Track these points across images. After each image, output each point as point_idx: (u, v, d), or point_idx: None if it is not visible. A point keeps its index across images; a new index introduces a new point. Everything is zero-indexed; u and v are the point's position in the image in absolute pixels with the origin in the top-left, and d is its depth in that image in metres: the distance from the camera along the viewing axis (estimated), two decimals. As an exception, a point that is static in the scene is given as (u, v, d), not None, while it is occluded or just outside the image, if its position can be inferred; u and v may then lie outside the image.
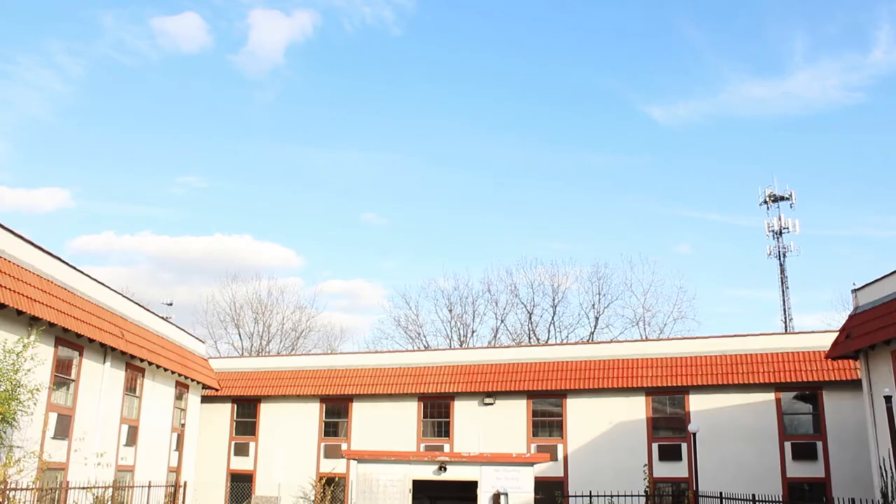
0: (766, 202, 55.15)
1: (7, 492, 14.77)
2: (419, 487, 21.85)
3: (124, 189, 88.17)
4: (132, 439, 24.27)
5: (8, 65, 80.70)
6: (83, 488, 17.91)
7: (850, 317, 21.79)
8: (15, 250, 18.47)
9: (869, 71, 79.58)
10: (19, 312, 17.62)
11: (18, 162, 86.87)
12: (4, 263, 17.59)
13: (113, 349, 22.37)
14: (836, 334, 23.31)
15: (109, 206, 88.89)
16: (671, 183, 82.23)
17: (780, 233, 54.41)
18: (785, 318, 53.17)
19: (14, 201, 76.90)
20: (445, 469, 21.45)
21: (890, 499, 15.03)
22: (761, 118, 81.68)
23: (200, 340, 32.15)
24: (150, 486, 20.60)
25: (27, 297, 17.86)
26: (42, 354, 18.26)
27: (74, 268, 21.63)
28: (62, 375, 20.38)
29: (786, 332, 38.34)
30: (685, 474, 27.33)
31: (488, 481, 21.26)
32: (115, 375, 23.18)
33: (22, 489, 15.20)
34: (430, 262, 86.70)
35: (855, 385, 25.45)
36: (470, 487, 21.55)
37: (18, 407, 15.74)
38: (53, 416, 19.59)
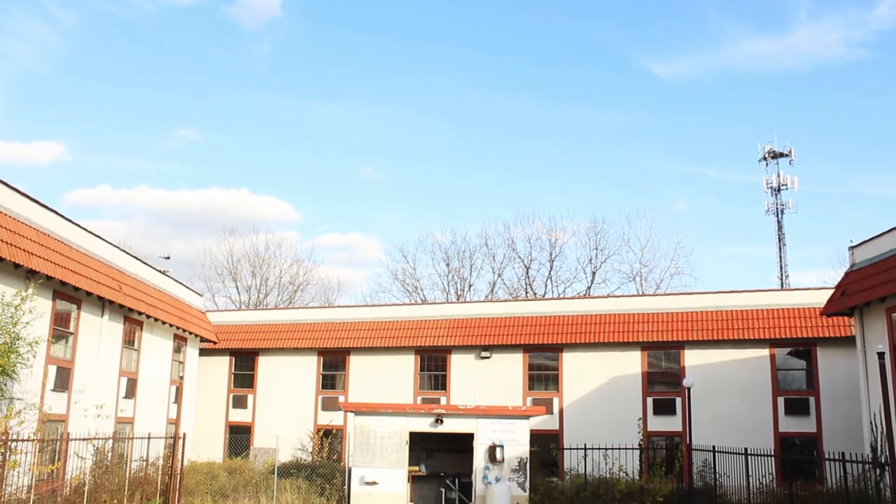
0: (765, 158, 54.93)
1: (9, 443, 14.91)
2: (416, 439, 22.11)
3: (119, 142, 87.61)
4: (131, 392, 24.48)
5: (1, 17, 79.57)
6: (83, 440, 18.08)
7: (846, 274, 21.87)
8: (10, 203, 18.39)
9: (873, 26, 78.76)
10: (16, 265, 17.61)
11: (12, 115, 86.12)
12: (1, 216, 17.52)
13: (111, 302, 22.43)
14: (832, 291, 23.43)
15: (105, 159, 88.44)
16: (670, 139, 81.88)
17: (779, 189, 54.29)
18: (781, 275, 53.38)
19: (9, 155, 76.43)
20: (442, 421, 21.69)
21: (879, 453, 15.24)
22: (762, 74, 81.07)
23: (198, 294, 32.24)
24: (149, 438, 20.78)
25: (24, 250, 17.83)
26: (40, 307, 18.31)
27: (71, 221, 21.57)
28: (61, 328, 20.46)
29: (781, 289, 38.52)
30: (679, 428, 27.68)
31: (484, 434, 21.52)
32: (113, 329, 23.28)
33: (23, 440, 15.33)
34: (428, 217, 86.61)
35: (849, 342, 25.64)
36: (466, 440, 21.82)
37: (18, 359, 15.83)
38: (53, 369, 19.72)
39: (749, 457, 17.58)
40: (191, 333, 28.92)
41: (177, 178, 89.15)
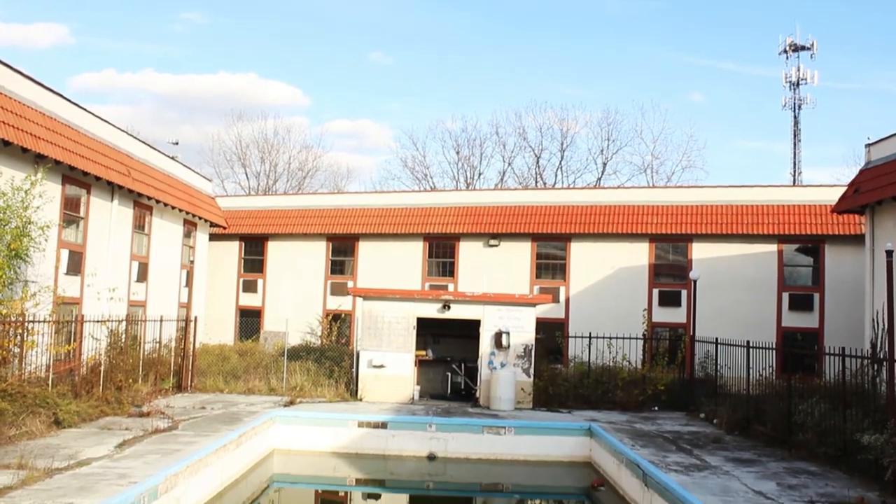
0: (785, 52, 53.42)
1: (26, 324, 15.24)
2: (423, 325, 22.51)
3: (124, 25, 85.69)
4: (143, 276, 24.80)
5: None
6: (98, 321, 18.46)
7: (861, 171, 21.60)
8: (16, 87, 18.10)
9: None
10: (24, 150, 17.51)
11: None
12: (6, 100, 17.28)
13: (120, 187, 22.43)
14: (844, 189, 23.21)
15: (109, 42, 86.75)
16: (688, 29, 79.45)
17: (798, 84, 53.06)
18: (794, 172, 52.84)
19: (9, 37, 74.90)
20: (449, 308, 21.99)
21: (878, 349, 15.45)
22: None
23: (207, 179, 32.19)
24: (161, 321, 21.21)
25: (31, 134, 17.68)
26: (50, 192, 18.32)
27: (78, 105, 21.30)
28: (71, 213, 20.54)
29: (793, 185, 38.25)
30: (683, 320, 28.06)
31: (491, 320, 21.86)
32: (123, 213, 23.37)
33: (39, 321, 15.66)
34: (438, 104, 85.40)
35: (857, 240, 25.61)
36: (473, 326, 22.19)
37: (30, 243, 15.95)
38: (65, 253, 19.92)
39: (751, 349, 17.85)
40: (200, 218, 29.04)
41: (183, 62, 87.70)
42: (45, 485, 10.25)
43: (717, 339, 20.46)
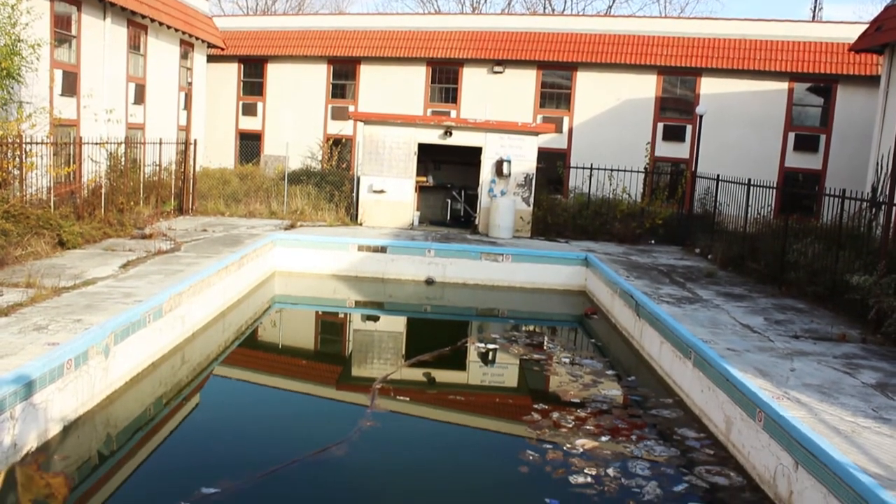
0: None
1: (23, 145, 15.14)
2: (424, 151, 22.39)
3: None
4: (140, 98, 24.38)
5: None
6: (96, 144, 18.31)
7: (886, 8, 20.68)
8: None
9: None
10: (9, -39, 16.68)
11: None
12: None
13: (112, 4, 21.56)
14: (864, 27, 22.37)
15: None
16: None
17: None
18: (814, 8, 50.73)
19: None
20: (451, 134, 21.79)
21: (879, 193, 15.46)
22: None
23: (203, -4, 30.96)
24: (161, 143, 21.06)
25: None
26: (38, 8, 17.64)
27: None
28: (62, 31, 19.89)
29: (811, 21, 36.87)
30: (686, 155, 27.92)
31: (493, 148, 21.73)
32: (117, 33, 22.63)
33: (37, 143, 15.55)
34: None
35: (872, 81, 25.01)
36: (474, 153, 22.09)
37: (21, 62, 15.56)
38: (59, 74, 19.46)
39: (751, 187, 17.86)
40: (197, 39, 28.17)
41: None
42: (54, 302, 10.54)
43: (718, 175, 20.42)
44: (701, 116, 22.45)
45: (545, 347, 14.32)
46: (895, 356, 10.58)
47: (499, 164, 21.55)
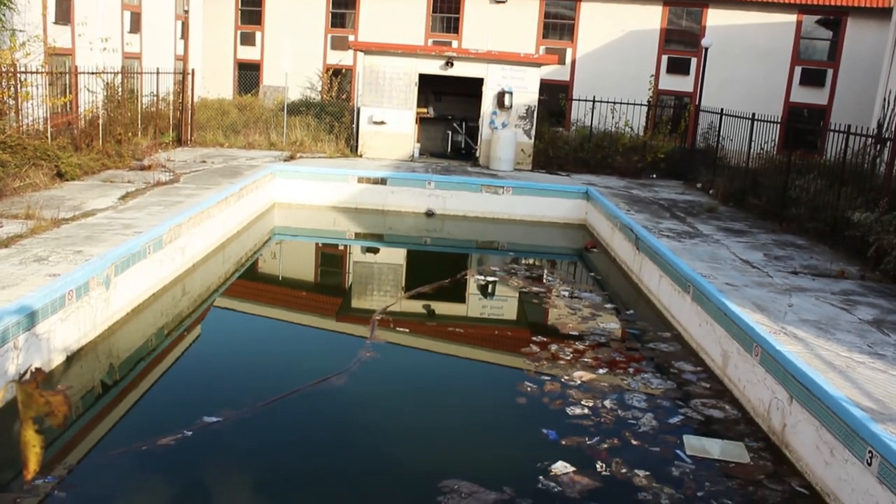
0: None
1: (18, 74, 14.93)
2: (425, 81, 22.10)
3: None
4: (136, 26, 23.95)
5: None
6: (92, 73, 18.04)
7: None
8: None
9: None
10: None
11: None
12: None
13: (106, -73, 21.06)
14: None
15: None
16: None
17: None
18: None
19: None
20: (452, 65, 21.47)
21: (885, 129, 15.28)
22: None
23: (198, -82, 30.12)
24: (158, 73, 20.78)
25: None
26: (30, -69, 17.23)
27: None
28: (55, -46, 19.43)
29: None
30: (690, 89, 27.56)
31: (494, 79, 21.45)
32: (111, -44, 22.13)
33: (32, 72, 15.33)
34: None
35: (883, 14, 24.51)
36: (475, 84, 21.81)
37: (13, -12, 15.27)
38: (52, 0, 19.08)
39: (755, 122, 17.67)
40: (193, -37, 27.54)
41: None
42: (54, 234, 10.53)
43: (722, 109, 20.19)
44: (706, 49, 22.09)
45: (544, 280, 14.38)
46: (893, 293, 10.62)
47: (500, 96, 21.29)
